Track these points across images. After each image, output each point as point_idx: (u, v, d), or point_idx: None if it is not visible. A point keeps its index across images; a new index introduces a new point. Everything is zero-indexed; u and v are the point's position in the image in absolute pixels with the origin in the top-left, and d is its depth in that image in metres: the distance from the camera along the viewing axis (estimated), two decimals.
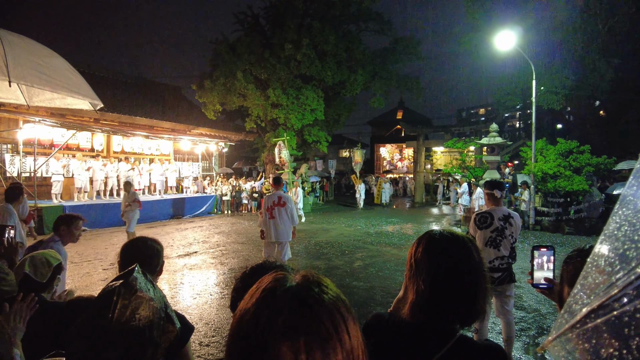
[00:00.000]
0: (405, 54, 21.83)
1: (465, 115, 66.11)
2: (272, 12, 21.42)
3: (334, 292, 0.63)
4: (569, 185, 12.42)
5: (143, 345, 1.03)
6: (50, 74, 3.09)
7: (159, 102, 20.74)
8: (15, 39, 3.10)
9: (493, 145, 14.50)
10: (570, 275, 1.10)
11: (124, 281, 1.09)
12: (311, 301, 0.59)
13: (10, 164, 13.50)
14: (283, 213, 6.44)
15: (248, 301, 0.62)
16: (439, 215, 18.33)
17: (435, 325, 1.12)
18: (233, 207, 18.75)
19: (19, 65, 2.83)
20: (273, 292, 0.61)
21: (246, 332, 0.59)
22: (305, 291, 0.61)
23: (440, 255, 1.14)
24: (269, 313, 0.58)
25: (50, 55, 3.31)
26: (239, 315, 0.62)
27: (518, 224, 3.90)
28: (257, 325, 0.58)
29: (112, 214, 13.78)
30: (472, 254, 1.15)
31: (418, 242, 1.20)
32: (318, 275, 0.66)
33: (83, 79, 3.62)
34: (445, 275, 1.11)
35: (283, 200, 6.45)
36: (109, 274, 7.36)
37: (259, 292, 0.63)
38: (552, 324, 4.93)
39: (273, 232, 6.43)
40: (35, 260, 2.15)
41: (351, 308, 0.64)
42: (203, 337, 4.61)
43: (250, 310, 0.60)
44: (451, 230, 1.21)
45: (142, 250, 1.72)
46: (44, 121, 12.96)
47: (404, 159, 39.79)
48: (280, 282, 0.63)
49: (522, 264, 7.38)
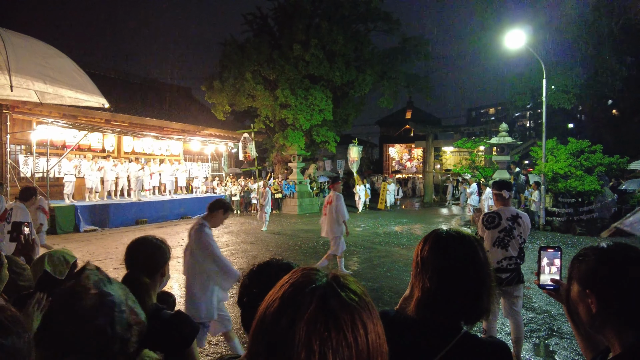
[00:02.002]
0: (414, 53, 21.74)
1: (474, 115, 65.66)
2: (281, 13, 21.50)
3: (359, 297, 0.63)
4: (580, 185, 12.28)
5: (108, 342, 1.02)
6: (55, 74, 3.14)
7: (169, 103, 20.96)
8: (18, 40, 3.14)
9: (503, 145, 14.40)
10: (580, 273, 1.10)
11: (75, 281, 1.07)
12: (334, 303, 0.60)
13: (24, 165, 13.74)
14: (331, 210, 6.93)
15: (276, 293, 0.64)
16: (448, 215, 18.23)
17: (440, 322, 1.14)
18: (242, 207, 18.87)
19: (21, 69, 2.88)
20: (301, 289, 0.62)
21: (270, 323, 0.61)
22: (331, 292, 0.62)
23: (445, 253, 1.16)
24: (293, 309, 0.60)
25: (55, 55, 3.36)
26: (266, 305, 0.64)
27: (527, 224, 3.88)
28: (280, 319, 0.60)
29: (123, 213, 13.97)
30: (478, 252, 1.17)
31: (424, 240, 1.22)
32: (347, 277, 0.66)
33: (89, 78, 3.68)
34: (450, 273, 1.13)
35: (331, 199, 6.97)
36: (120, 273, 7.44)
37: (287, 285, 0.64)
38: (562, 325, 4.90)
39: (323, 228, 7.09)
40: (53, 258, 2.21)
41: (376, 315, 0.64)
42: (211, 337, 4.65)
43: (277, 303, 0.62)
44: (457, 229, 1.23)
45: (145, 249, 1.74)
46: (56, 122, 13.18)
47: (413, 159, 39.59)
48: (309, 279, 0.64)
49: (533, 265, 7.31)
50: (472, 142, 17.41)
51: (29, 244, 2.18)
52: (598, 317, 1.03)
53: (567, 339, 4.54)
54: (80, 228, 12.41)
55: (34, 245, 2.22)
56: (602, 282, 1.02)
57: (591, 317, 1.05)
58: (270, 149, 23.55)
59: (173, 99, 21.90)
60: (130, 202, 14.64)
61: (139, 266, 1.65)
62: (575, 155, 12.94)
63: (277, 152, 22.17)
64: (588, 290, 1.04)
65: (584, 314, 1.07)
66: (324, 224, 7.03)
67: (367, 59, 20.77)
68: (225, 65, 19.99)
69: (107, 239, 11.36)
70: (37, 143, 13.47)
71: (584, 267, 1.08)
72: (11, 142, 13.52)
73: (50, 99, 4.27)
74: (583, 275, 1.08)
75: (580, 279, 1.09)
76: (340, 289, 0.62)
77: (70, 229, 12.27)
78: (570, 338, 4.54)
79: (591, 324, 1.07)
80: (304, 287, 0.63)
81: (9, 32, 3.15)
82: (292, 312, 0.59)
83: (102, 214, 13.31)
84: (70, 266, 2.26)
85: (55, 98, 4.21)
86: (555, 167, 12.71)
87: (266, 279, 1.12)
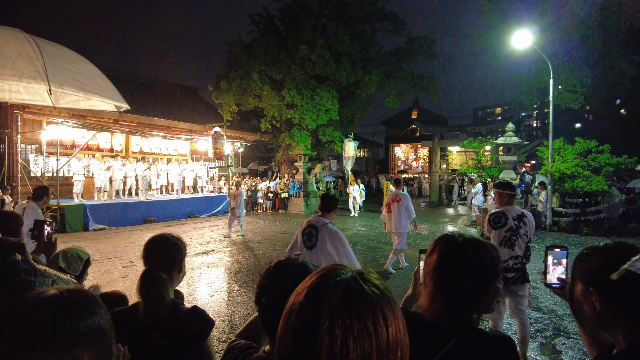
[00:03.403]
0: (420, 53, 21.71)
1: (481, 115, 65.38)
2: (287, 13, 21.57)
3: (381, 291, 0.67)
4: (587, 186, 12.21)
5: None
6: (83, 79, 3.26)
7: (177, 103, 21.09)
8: (50, 47, 3.27)
9: (509, 144, 14.36)
10: (583, 272, 1.12)
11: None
12: (356, 296, 0.65)
13: (34, 164, 13.92)
14: (398, 208, 7.46)
15: (304, 284, 0.70)
16: (455, 215, 18.21)
17: (445, 319, 1.17)
18: (249, 206, 18.95)
19: (56, 73, 3.00)
20: (327, 281, 0.68)
21: (297, 311, 0.66)
22: (354, 285, 0.66)
23: (453, 257, 1.19)
24: (318, 298, 0.65)
25: (81, 62, 3.48)
26: (295, 294, 0.69)
27: (532, 223, 3.91)
28: (307, 307, 0.65)
29: (131, 212, 14.11)
30: (489, 254, 1.20)
31: (435, 244, 1.26)
32: (372, 272, 0.71)
33: (111, 83, 3.78)
34: (456, 275, 1.17)
35: (399, 197, 7.51)
36: (129, 271, 7.56)
37: (315, 277, 0.70)
38: (568, 325, 4.92)
39: (389, 224, 7.54)
40: (67, 255, 2.29)
41: (398, 310, 0.68)
42: (220, 334, 4.72)
43: (304, 292, 0.68)
44: (469, 235, 1.26)
45: (162, 246, 1.79)
46: (66, 122, 13.34)
47: (419, 158, 39.53)
48: (336, 273, 0.69)
49: (539, 265, 7.32)
50: (478, 142, 17.36)
51: (50, 242, 2.25)
52: (602, 314, 1.06)
53: (574, 338, 4.56)
54: (89, 227, 12.55)
55: (55, 244, 2.29)
56: (604, 280, 1.05)
57: (595, 315, 1.08)
58: (276, 148, 23.65)
59: (180, 99, 22.04)
60: (138, 202, 14.77)
61: (156, 262, 1.71)
62: (582, 155, 12.87)
63: (283, 152, 22.24)
64: (592, 289, 1.08)
65: (589, 312, 1.10)
66: (389, 220, 7.55)
67: (373, 58, 20.78)
68: (232, 66, 20.09)
69: (116, 237, 11.49)
70: (47, 143, 13.65)
71: (586, 265, 1.11)
72: (22, 141, 13.70)
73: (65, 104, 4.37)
74: (586, 273, 1.11)
75: (583, 277, 1.12)
76: (364, 283, 0.67)
77: (80, 228, 12.42)
78: (576, 338, 4.55)
79: (595, 321, 1.10)
80: (329, 279, 0.68)
81: (41, 40, 3.26)
82: (318, 301, 0.64)
83: (111, 213, 13.45)
84: (84, 262, 2.35)
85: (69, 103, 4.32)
86: (562, 167, 12.66)
87: (283, 279, 1.15)
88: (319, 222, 3.68)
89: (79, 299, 0.70)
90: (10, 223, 2.40)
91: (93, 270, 7.49)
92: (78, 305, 0.69)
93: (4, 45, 3.07)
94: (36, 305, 0.66)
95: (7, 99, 4.34)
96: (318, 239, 3.60)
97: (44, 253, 2.25)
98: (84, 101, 4.30)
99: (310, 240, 3.63)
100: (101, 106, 4.24)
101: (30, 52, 3.06)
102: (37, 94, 4.38)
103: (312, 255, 3.60)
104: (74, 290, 0.72)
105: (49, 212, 11.46)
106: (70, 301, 0.69)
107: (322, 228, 3.63)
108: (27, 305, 0.66)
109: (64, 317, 0.65)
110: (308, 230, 3.68)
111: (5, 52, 3.06)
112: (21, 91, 4.10)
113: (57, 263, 2.20)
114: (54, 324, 0.64)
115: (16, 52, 3.04)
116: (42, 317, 0.64)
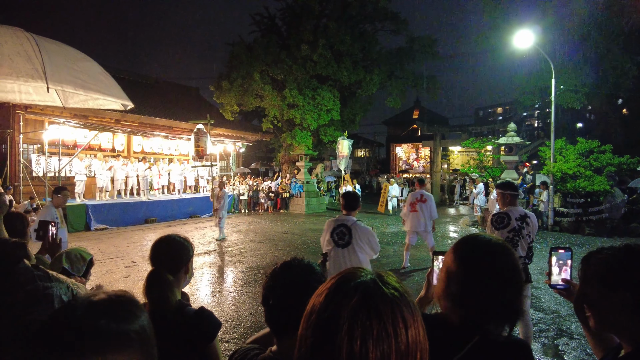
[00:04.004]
0: (421, 53, 21.69)
1: (482, 115, 65.24)
2: (289, 13, 21.57)
3: (400, 293, 0.68)
4: (589, 186, 12.19)
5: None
6: (84, 77, 3.26)
7: (178, 103, 21.11)
8: (51, 45, 3.27)
9: (511, 144, 14.34)
10: (591, 273, 1.11)
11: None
12: (376, 298, 0.65)
13: (36, 164, 13.95)
14: (424, 208, 7.77)
15: (325, 285, 0.71)
16: (456, 215, 18.19)
17: (464, 323, 1.13)
18: (250, 206, 18.98)
19: (55, 72, 3.00)
20: (347, 282, 0.68)
21: (318, 312, 0.67)
22: (374, 287, 0.67)
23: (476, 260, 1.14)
24: (339, 299, 0.66)
25: (83, 59, 3.48)
26: (316, 295, 0.70)
27: (535, 223, 3.90)
28: (327, 307, 0.66)
29: (133, 212, 14.13)
30: (511, 256, 1.15)
31: (455, 247, 1.20)
32: (390, 275, 0.72)
33: (114, 81, 3.79)
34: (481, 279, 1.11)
35: (425, 198, 7.82)
36: (131, 271, 7.57)
37: (335, 279, 0.70)
38: (571, 325, 4.91)
39: (413, 223, 7.79)
40: (70, 255, 2.29)
41: (418, 313, 0.69)
42: (223, 334, 4.73)
43: (325, 293, 0.69)
44: (488, 236, 1.20)
45: (168, 247, 1.79)
46: (68, 122, 13.37)
47: (420, 158, 39.51)
48: (356, 275, 0.70)
49: (541, 265, 7.31)
50: (480, 142, 17.34)
51: (55, 243, 2.25)
52: (613, 315, 1.05)
53: (577, 339, 4.55)
54: (91, 226, 12.58)
55: (60, 245, 2.29)
56: (619, 280, 1.04)
57: (606, 315, 1.08)
58: (277, 148, 23.66)
59: (182, 99, 22.06)
60: (140, 201, 14.79)
61: (163, 263, 1.71)
62: (584, 155, 12.85)
63: (284, 152, 22.26)
64: (605, 289, 1.07)
65: (598, 312, 1.10)
66: (413, 218, 7.80)
67: (375, 58, 20.78)
68: (234, 66, 20.10)
69: (118, 237, 11.50)
70: (49, 143, 13.67)
71: (599, 266, 1.10)
72: (24, 141, 13.73)
73: (74, 104, 4.38)
74: (599, 274, 1.10)
75: (596, 277, 1.11)
76: (383, 285, 0.68)
77: (82, 228, 12.44)
78: (579, 338, 4.55)
79: (606, 321, 1.09)
80: (350, 281, 0.69)
81: (41, 38, 3.26)
82: (338, 302, 0.65)
83: (113, 212, 13.48)
84: (87, 263, 2.35)
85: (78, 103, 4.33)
86: (564, 167, 12.64)
87: (290, 279, 1.16)
88: (349, 221, 3.80)
89: (126, 303, 0.72)
90: (17, 223, 2.41)
91: (95, 271, 7.49)
92: (126, 309, 0.70)
93: (2, 43, 3.06)
94: (90, 310, 0.67)
95: (17, 100, 4.36)
96: (352, 236, 3.74)
97: (48, 253, 2.25)
98: (92, 101, 4.30)
99: (343, 239, 3.76)
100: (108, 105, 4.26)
101: (29, 50, 3.06)
102: (47, 95, 4.41)
103: (346, 253, 3.74)
104: (121, 294, 0.73)
105: None
106: (120, 305, 0.70)
107: (353, 226, 3.77)
108: (81, 309, 0.66)
109: (117, 321, 0.67)
110: (339, 230, 3.79)
111: (4, 51, 3.05)
112: (30, 92, 4.11)
113: (61, 264, 2.21)
114: (108, 328, 0.65)
115: (15, 50, 3.04)
116: (97, 321, 0.65)
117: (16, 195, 12.48)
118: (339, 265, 3.73)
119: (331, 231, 3.81)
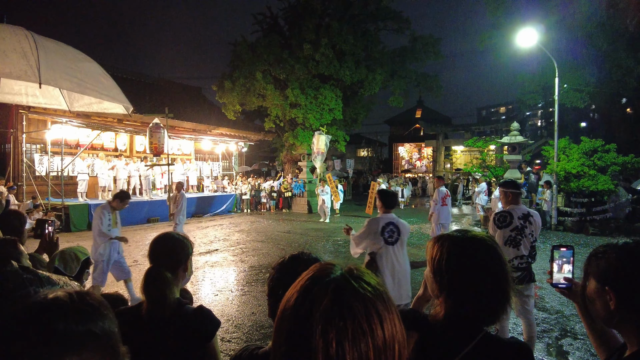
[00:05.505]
0: (424, 52, 21.61)
1: (485, 114, 65.09)
2: (291, 12, 21.56)
3: (374, 288, 0.65)
4: (593, 185, 12.12)
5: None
6: (82, 77, 3.23)
7: (180, 103, 21.12)
8: (49, 44, 3.25)
9: (514, 144, 14.26)
10: (600, 269, 1.09)
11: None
12: (348, 295, 0.62)
13: (39, 164, 13.98)
14: (449, 202, 8.94)
15: (294, 287, 0.67)
16: (459, 215, 18.12)
17: (461, 324, 1.13)
18: (252, 205, 18.99)
19: (50, 69, 2.97)
20: (316, 282, 0.65)
21: (289, 316, 0.64)
22: (345, 284, 0.64)
23: (463, 256, 1.14)
24: (310, 301, 0.63)
25: (83, 60, 3.46)
26: (286, 299, 0.67)
27: (538, 222, 3.86)
28: (298, 311, 0.63)
29: (135, 212, 14.14)
30: (496, 252, 1.16)
31: (440, 243, 1.19)
32: (362, 270, 0.69)
33: (115, 82, 3.77)
34: (469, 275, 1.12)
35: (449, 193, 9.13)
36: (133, 271, 7.54)
37: (304, 280, 0.67)
38: (575, 325, 4.87)
39: (444, 215, 8.76)
40: (64, 255, 2.27)
41: (393, 305, 0.66)
42: (224, 333, 4.71)
43: (295, 296, 0.65)
44: (472, 232, 1.21)
45: (167, 244, 1.77)
46: (70, 122, 13.40)
47: (422, 158, 39.44)
48: (326, 272, 0.67)
49: (544, 264, 7.27)
50: (482, 141, 17.27)
51: (52, 241, 2.24)
52: (617, 314, 1.03)
53: (581, 339, 4.51)
54: None
55: (57, 243, 2.28)
56: (622, 279, 1.03)
57: (609, 314, 1.05)
58: (280, 148, 23.64)
59: (184, 99, 22.07)
60: (142, 201, 14.81)
61: (161, 261, 1.69)
62: (588, 154, 12.77)
63: (286, 152, 22.25)
64: (607, 287, 1.05)
65: (602, 311, 1.08)
66: (443, 212, 8.73)
67: (377, 58, 20.72)
68: (236, 65, 20.12)
69: None
70: (52, 142, 13.71)
71: (603, 263, 1.08)
72: (27, 141, 13.77)
73: (79, 107, 4.38)
74: (602, 271, 1.08)
75: (598, 275, 1.09)
76: (354, 281, 0.65)
77: (84, 227, 12.46)
78: (583, 339, 4.51)
79: (609, 320, 1.07)
80: (319, 280, 0.65)
81: (41, 37, 3.25)
82: (309, 304, 0.62)
83: None
84: (82, 263, 2.32)
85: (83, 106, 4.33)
86: (567, 167, 12.57)
87: (300, 271, 1.15)
88: (394, 219, 3.95)
89: (87, 301, 0.69)
90: (14, 221, 2.40)
91: None
92: (87, 308, 0.68)
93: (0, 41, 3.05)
94: (45, 309, 0.64)
95: (24, 102, 4.36)
96: (400, 233, 3.91)
97: (45, 252, 2.24)
98: (96, 104, 4.30)
99: (392, 237, 3.89)
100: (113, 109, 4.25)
101: (27, 48, 3.03)
102: (54, 97, 4.41)
103: (396, 250, 3.89)
104: (81, 292, 0.71)
105: (54, 212, 11.52)
106: (80, 304, 0.67)
107: (400, 224, 3.93)
108: (35, 308, 0.64)
109: (75, 320, 0.64)
110: (390, 228, 3.91)
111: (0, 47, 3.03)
112: (37, 94, 4.11)
113: (53, 263, 2.18)
114: (66, 328, 0.62)
115: (11, 47, 3.01)
116: (53, 320, 0.62)
117: (19, 194, 12.52)
118: (392, 262, 3.85)
119: (381, 230, 3.88)
